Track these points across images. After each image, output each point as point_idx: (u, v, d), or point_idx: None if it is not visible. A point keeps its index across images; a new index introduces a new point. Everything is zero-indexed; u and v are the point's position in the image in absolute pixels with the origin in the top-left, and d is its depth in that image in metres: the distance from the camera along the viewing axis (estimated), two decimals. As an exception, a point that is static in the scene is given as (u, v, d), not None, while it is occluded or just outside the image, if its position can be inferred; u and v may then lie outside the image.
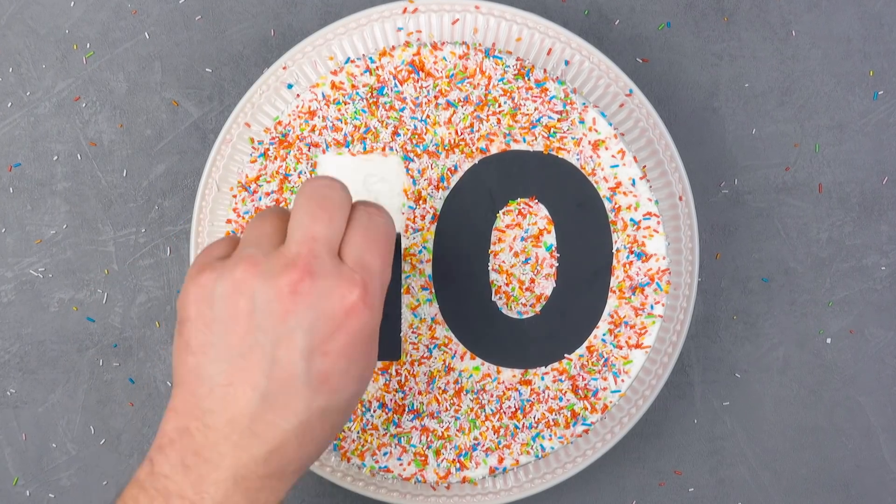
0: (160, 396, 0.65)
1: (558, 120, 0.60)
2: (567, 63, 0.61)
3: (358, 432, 0.60)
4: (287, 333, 0.45)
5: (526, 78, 0.60)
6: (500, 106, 0.60)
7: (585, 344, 0.61)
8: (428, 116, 0.60)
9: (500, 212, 0.61)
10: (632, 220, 0.60)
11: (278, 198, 0.60)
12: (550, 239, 0.60)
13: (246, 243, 0.48)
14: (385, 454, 0.60)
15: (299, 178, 0.60)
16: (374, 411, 0.60)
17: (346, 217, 0.48)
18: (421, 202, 0.60)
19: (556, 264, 0.60)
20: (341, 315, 0.46)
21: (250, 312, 0.45)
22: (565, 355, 0.61)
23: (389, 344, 0.53)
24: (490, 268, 0.61)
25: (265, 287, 0.45)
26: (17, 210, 0.65)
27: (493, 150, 0.60)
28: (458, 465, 0.60)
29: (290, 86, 0.61)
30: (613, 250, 0.60)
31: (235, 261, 0.46)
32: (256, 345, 0.45)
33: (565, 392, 0.60)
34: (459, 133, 0.60)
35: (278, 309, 0.45)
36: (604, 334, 0.61)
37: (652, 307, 0.60)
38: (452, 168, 0.60)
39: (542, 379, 0.60)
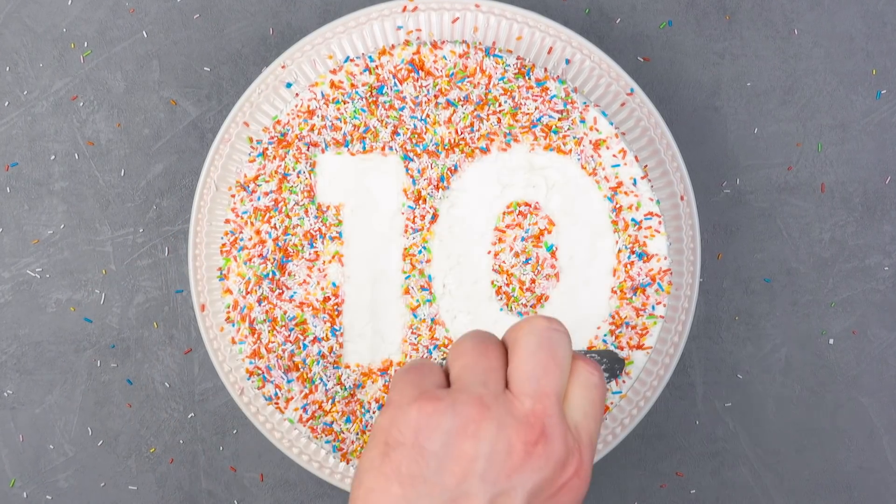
0: (158, 397, 0.65)
1: (559, 119, 0.60)
2: (568, 62, 0.61)
3: (357, 433, 0.60)
4: (508, 490, 0.43)
5: (526, 77, 0.59)
6: (500, 105, 0.60)
7: (586, 344, 0.60)
8: (428, 116, 0.60)
9: (501, 212, 0.60)
10: (633, 219, 0.60)
11: (277, 197, 0.60)
12: (551, 239, 0.60)
13: (471, 377, 0.45)
14: (384, 456, 0.60)
15: (298, 177, 0.60)
16: (374, 412, 0.60)
17: (569, 369, 0.46)
18: (421, 202, 0.60)
19: (557, 264, 0.60)
20: (559, 483, 0.44)
21: (474, 458, 0.43)
22: (566, 356, 0.60)
23: None
24: (490, 268, 0.60)
25: (498, 437, 0.43)
26: (14, 210, 0.64)
27: (493, 149, 0.60)
28: (458, 466, 0.60)
29: (288, 85, 0.61)
30: (615, 250, 0.60)
31: (466, 398, 0.44)
32: (472, 493, 0.43)
33: (566, 393, 0.60)
34: (459, 132, 0.60)
35: (507, 464, 0.43)
36: (605, 335, 0.60)
37: (653, 308, 0.60)
38: (452, 168, 0.60)
39: (543, 380, 0.60)
